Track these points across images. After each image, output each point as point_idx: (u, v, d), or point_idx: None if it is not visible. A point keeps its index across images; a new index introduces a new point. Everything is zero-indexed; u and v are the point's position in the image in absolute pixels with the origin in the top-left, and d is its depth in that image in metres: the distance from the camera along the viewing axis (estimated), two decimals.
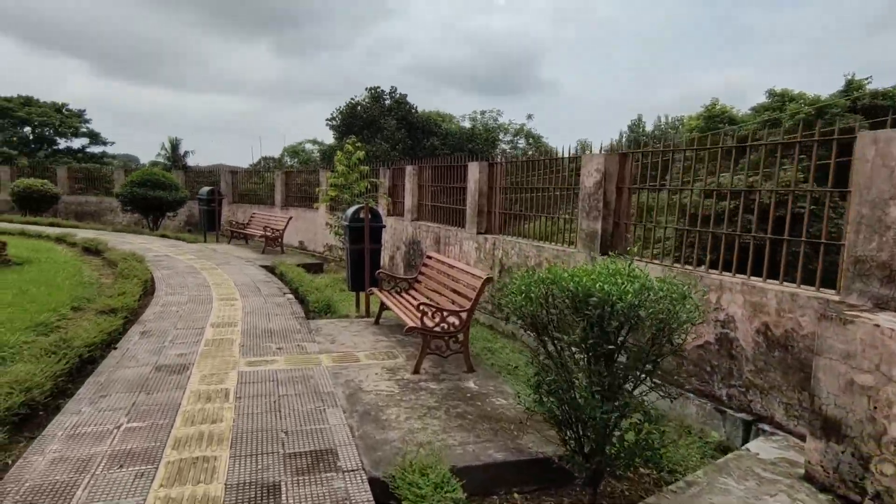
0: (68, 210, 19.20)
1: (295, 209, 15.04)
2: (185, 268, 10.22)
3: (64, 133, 49.37)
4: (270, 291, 8.57)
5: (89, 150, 50.42)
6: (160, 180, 15.81)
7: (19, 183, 17.57)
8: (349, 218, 7.42)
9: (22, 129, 48.00)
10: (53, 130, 49.00)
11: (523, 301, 3.11)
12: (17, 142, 46.38)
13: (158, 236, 14.89)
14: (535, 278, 3.25)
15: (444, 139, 38.44)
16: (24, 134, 48.02)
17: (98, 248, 11.35)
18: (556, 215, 6.80)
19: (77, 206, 19.19)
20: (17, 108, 47.19)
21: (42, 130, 48.88)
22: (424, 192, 10.31)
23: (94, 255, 11.33)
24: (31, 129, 48.31)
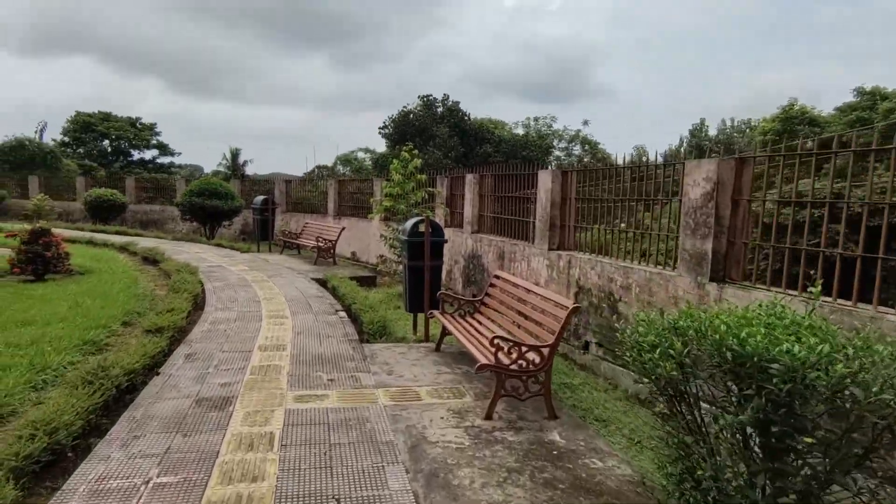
0: (134, 218, 19.72)
1: (347, 219, 14.66)
2: (237, 280, 9.89)
3: (137, 145, 52.18)
4: (322, 308, 8.04)
5: (159, 161, 53.13)
6: (217, 189, 15.85)
7: (91, 193, 18.16)
8: (407, 231, 6.77)
9: (101, 143, 51.01)
10: (128, 143, 51.85)
11: (658, 360, 2.29)
12: (98, 154, 49.39)
13: (214, 245, 14.86)
14: (667, 325, 2.42)
15: (498, 146, 37.65)
16: (103, 147, 51.03)
17: (155, 258, 11.27)
18: (641, 230, 5.88)
19: (142, 215, 19.68)
20: (97, 123, 50.26)
21: (119, 143, 51.78)
22: (486, 203, 9.57)
23: (152, 264, 11.25)
24: (109, 142, 51.27)
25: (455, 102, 39.46)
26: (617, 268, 5.86)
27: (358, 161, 50.34)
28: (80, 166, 39.23)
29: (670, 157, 6.30)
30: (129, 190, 19.96)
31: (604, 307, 6.09)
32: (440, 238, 6.81)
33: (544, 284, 7.33)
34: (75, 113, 48.28)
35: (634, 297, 5.57)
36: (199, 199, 15.51)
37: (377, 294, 10.07)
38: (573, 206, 7.17)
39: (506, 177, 8.85)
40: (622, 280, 5.76)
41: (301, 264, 12.33)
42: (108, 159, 48.88)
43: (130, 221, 19.63)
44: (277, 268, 11.60)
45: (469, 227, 9.85)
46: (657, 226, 5.69)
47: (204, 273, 10.32)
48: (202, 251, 13.57)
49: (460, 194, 10.72)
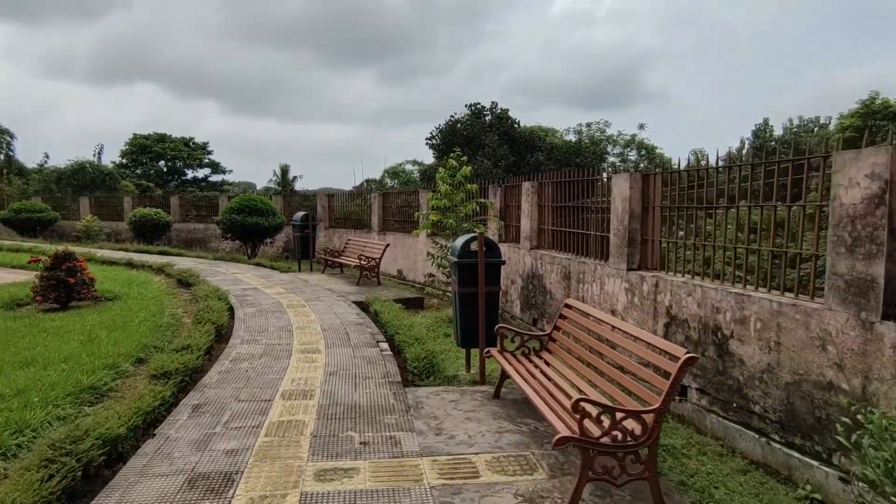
0: (179, 237, 19.65)
1: (393, 234, 13.76)
2: (271, 305, 9.08)
3: (190, 164, 53.98)
4: (361, 339, 7.04)
5: (211, 179, 54.76)
6: (257, 206, 15.34)
7: (136, 212, 18.16)
8: (457, 252, 5.67)
9: (157, 163, 53.05)
10: (182, 163, 53.70)
11: None
12: (154, 174, 51.39)
13: (253, 265, 14.29)
14: None
15: (550, 154, 36.21)
16: (159, 167, 53.04)
17: (189, 281, 10.68)
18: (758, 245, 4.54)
19: (186, 234, 19.58)
20: (153, 145, 52.31)
21: (173, 163, 53.69)
22: (546, 214, 8.37)
23: (186, 287, 10.66)
24: (164, 162, 53.27)
25: (504, 110, 38.36)
26: (726, 294, 4.53)
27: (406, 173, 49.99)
28: (136, 186, 40.74)
29: (693, 160, 5.04)
30: (173, 208, 19.93)
31: (707, 345, 4.76)
32: (497, 259, 5.67)
33: (622, 312, 6.04)
34: (133, 135, 50.37)
35: (753, 335, 4.23)
36: (239, 216, 15.04)
37: (424, 319, 9.01)
38: (657, 216, 5.87)
39: (569, 184, 7.64)
40: (735, 311, 4.43)
41: (342, 285, 11.47)
42: (164, 179, 50.73)
43: (175, 240, 19.55)
44: (316, 290, 10.77)
45: (527, 243, 8.66)
46: (784, 239, 4.34)
47: (236, 297, 9.58)
48: (240, 271, 12.97)
49: (515, 205, 9.56)
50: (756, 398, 4.20)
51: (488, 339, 5.64)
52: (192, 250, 18.05)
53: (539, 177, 8.59)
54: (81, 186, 35.47)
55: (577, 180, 7.47)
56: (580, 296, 6.95)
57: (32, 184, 37.24)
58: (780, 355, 3.98)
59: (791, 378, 3.89)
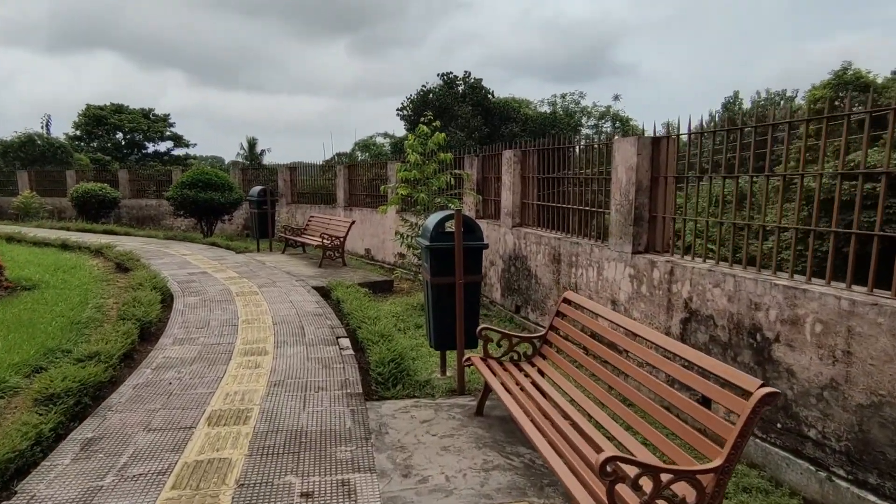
0: (130, 215, 18.03)
1: (360, 210, 12.58)
2: (218, 293, 7.90)
3: (151, 137, 51.05)
4: (318, 335, 5.98)
5: (174, 153, 51.94)
6: (212, 180, 13.90)
7: (78, 188, 16.45)
8: (430, 233, 4.61)
9: (115, 136, 49.98)
10: (142, 135, 50.76)
11: None
12: (112, 148, 48.36)
13: (207, 244, 12.96)
14: None
15: (524, 125, 35.06)
16: (117, 140, 50.01)
17: (128, 266, 9.38)
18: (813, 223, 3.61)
19: (137, 211, 17.96)
20: (109, 116, 49.15)
21: (132, 136, 50.71)
22: (530, 187, 7.34)
23: (125, 272, 9.36)
24: (122, 135, 50.25)
25: (477, 80, 36.86)
26: (770, 287, 3.60)
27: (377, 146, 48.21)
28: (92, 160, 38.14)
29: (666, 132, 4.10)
30: (122, 183, 18.21)
31: (741, 349, 3.86)
32: (478, 242, 4.64)
33: (625, 303, 5.11)
34: (86, 106, 47.22)
35: (810, 341, 3.33)
36: (192, 191, 13.60)
37: (393, 306, 7.98)
38: (670, 189, 4.90)
39: (557, 152, 6.60)
40: (782, 309, 3.51)
41: (303, 267, 10.31)
42: (123, 153, 47.85)
43: (126, 218, 17.95)
44: (273, 273, 9.60)
45: (508, 220, 7.64)
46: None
47: (179, 284, 8.36)
48: (190, 252, 11.66)
49: (494, 177, 8.50)
50: (812, 420, 3.31)
51: (469, 339, 4.65)
52: (143, 229, 16.51)
53: (521, 145, 7.53)
54: (31, 160, 32.95)
55: (566, 147, 6.44)
56: (572, 282, 6.00)
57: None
58: (850, 368, 3.08)
59: (867, 399, 2.99)
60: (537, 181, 7.19)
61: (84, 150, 44.53)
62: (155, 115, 52.03)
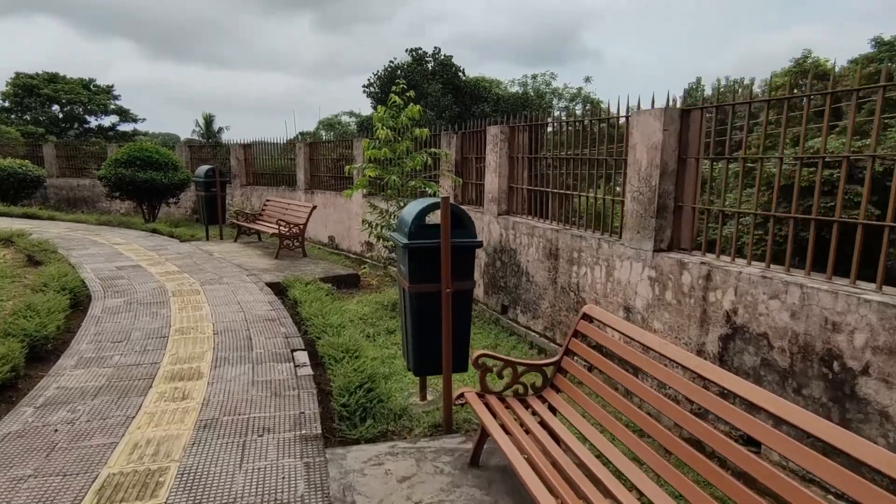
0: (59, 196, 16.17)
1: (323, 193, 11.37)
2: (150, 292, 6.66)
3: (93, 110, 47.48)
4: (269, 348, 4.89)
5: (120, 128, 48.45)
6: (152, 158, 12.35)
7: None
8: (408, 227, 3.58)
9: (51, 108, 46.18)
10: (83, 108, 47.12)
11: None
12: (47, 121, 44.63)
13: (149, 231, 11.51)
14: None
15: (496, 105, 33.98)
16: (53, 112, 46.24)
17: (40, 259, 7.97)
18: None
19: (68, 192, 16.12)
20: (42, 86, 45.25)
21: (71, 108, 47.01)
22: (518, 169, 6.37)
23: (38, 266, 7.95)
24: (59, 107, 46.52)
25: (448, 56, 35.44)
26: (857, 303, 2.75)
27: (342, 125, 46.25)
28: (24, 134, 35.03)
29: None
30: (48, 160, 16.25)
31: (809, 380, 3.02)
32: (471, 240, 3.63)
33: (643, 311, 4.23)
34: (14, 74, 43.24)
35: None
36: (128, 170, 12.04)
37: (361, 306, 6.94)
38: (697, 173, 4.02)
39: (557, 125, 5.63)
40: (875, 332, 2.66)
41: (257, 258, 9.10)
42: (61, 126, 44.30)
43: (54, 199, 16.08)
44: (221, 266, 8.37)
45: (493, 207, 6.66)
46: None
47: (102, 281, 7.07)
48: (125, 241, 10.23)
49: (475, 157, 7.49)
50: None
51: (458, 361, 3.68)
52: (74, 212, 14.79)
53: (511, 121, 6.53)
54: None
55: (566, 121, 5.47)
56: (573, 282, 5.09)
57: None
58: None
59: None
60: (528, 162, 6.21)
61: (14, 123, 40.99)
62: (97, 85, 48.37)
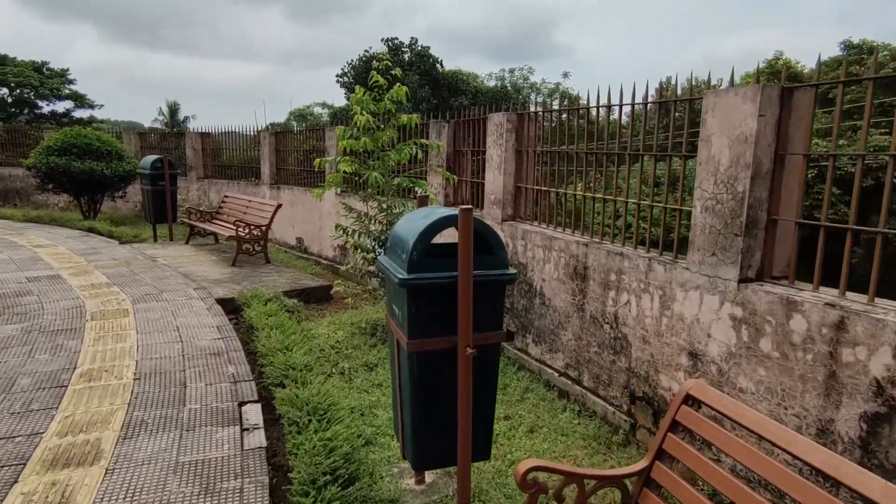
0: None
1: (291, 190, 10.00)
2: (61, 314, 5.26)
3: (45, 95, 44.44)
4: (210, 400, 3.61)
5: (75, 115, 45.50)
6: (93, 146, 10.74)
7: None
8: (408, 253, 2.36)
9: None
10: (34, 92, 44.04)
11: None
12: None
13: (85, 230, 9.95)
14: None
15: (474, 98, 32.77)
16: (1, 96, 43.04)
17: None
18: None
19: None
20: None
21: (21, 92, 43.87)
22: (529, 166, 5.20)
23: None
24: (7, 90, 43.34)
25: (425, 48, 34.05)
26: None
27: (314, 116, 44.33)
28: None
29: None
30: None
31: None
32: (503, 271, 2.43)
33: (720, 362, 3.12)
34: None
35: None
36: (63, 159, 10.40)
37: (333, 329, 5.68)
38: (802, 175, 2.92)
39: (577, 115, 4.48)
40: None
41: (210, 265, 7.72)
42: (9, 111, 41.28)
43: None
44: (164, 276, 6.97)
45: (497, 211, 5.48)
46: None
47: (2, 299, 5.63)
48: (51, 242, 8.69)
49: (470, 151, 6.31)
50: None
51: (478, 447, 2.50)
52: (4, 206, 13.01)
53: (518, 108, 5.33)
54: None
55: (608, 106, 4.32)
56: (610, 312, 3.95)
57: None
58: None
59: None
60: (540, 158, 5.05)
61: None
62: (50, 69, 45.31)
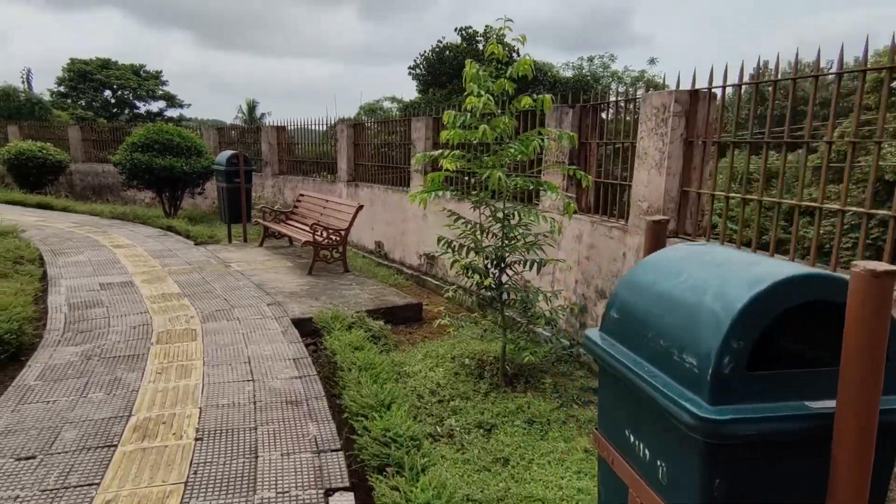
0: (83, 182, 14.59)
1: (370, 187, 9.13)
2: (126, 335, 4.54)
3: (142, 96, 47.36)
4: (287, 480, 2.61)
5: (167, 114, 48.22)
6: (173, 141, 10.40)
7: (11, 148, 12.96)
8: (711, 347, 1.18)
9: (104, 93, 46.31)
10: (132, 93, 47.05)
11: None
12: (100, 106, 44.66)
13: (164, 229, 9.58)
14: None
15: (553, 88, 31.02)
16: (105, 98, 46.34)
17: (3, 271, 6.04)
18: None
19: (93, 178, 14.51)
20: (95, 72, 45.28)
21: (122, 93, 46.97)
22: (699, 163, 3.87)
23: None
24: (111, 92, 46.56)
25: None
26: None
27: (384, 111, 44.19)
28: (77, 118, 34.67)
29: None
30: (73, 143, 14.68)
31: None
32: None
33: None
34: (70, 60, 43.35)
35: None
36: (145, 155, 10.12)
37: (429, 364, 4.61)
38: None
39: None
40: None
41: (285, 274, 6.94)
42: (112, 111, 44.32)
43: (79, 187, 14.52)
44: (237, 285, 6.23)
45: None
46: None
47: (72, 311, 5.02)
48: (129, 243, 8.27)
49: (596, 144, 5.03)
50: None
51: None
52: (95, 201, 13.14)
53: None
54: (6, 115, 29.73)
55: None
56: None
57: None
58: None
59: None
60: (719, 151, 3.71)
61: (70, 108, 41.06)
62: (146, 71, 48.18)
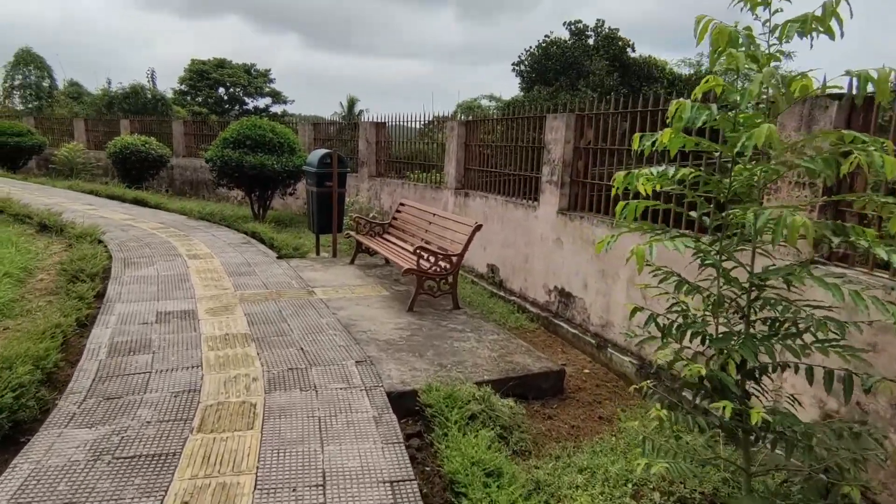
0: (182, 177, 14.37)
1: (483, 198, 7.52)
2: (165, 405, 3.24)
3: (251, 93, 49.76)
4: None
5: (272, 109, 50.32)
6: (266, 137, 9.46)
7: (116, 142, 12.86)
8: None
9: (217, 91, 49.22)
10: (243, 91, 49.54)
11: None
12: (213, 102, 47.50)
13: (248, 234, 8.59)
14: None
15: (670, 86, 27.89)
16: (219, 95, 49.24)
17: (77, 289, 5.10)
18: None
19: (191, 173, 14.22)
20: (211, 71, 48.21)
21: (234, 91, 49.63)
22: None
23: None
24: (224, 90, 49.31)
25: (613, 30, 29.94)
26: None
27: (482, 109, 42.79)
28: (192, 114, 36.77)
29: None
30: (176, 138, 14.48)
31: None
32: None
33: None
34: (191, 60, 46.45)
35: None
36: (236, 152, 9.25)
37: (602, 497, 2.88)
38: None
39: None
40: None
41: (377, 307, 5.49)
42: (224, 107, 46.97)
43: (179, 181, 14.30)
44: (318, 326, 4.85)
45: None
46: None
47: (111, 356, 3.84)
48: (208, 253, 7.27)
49: None
50: None
51: None
52: (190, 197, 12.74)
53: None
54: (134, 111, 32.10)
55: None
56: None
57: (85, 108, 34.37)
58: None
59: None
60: None
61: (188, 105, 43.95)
62: (256, 70, 50.58)
